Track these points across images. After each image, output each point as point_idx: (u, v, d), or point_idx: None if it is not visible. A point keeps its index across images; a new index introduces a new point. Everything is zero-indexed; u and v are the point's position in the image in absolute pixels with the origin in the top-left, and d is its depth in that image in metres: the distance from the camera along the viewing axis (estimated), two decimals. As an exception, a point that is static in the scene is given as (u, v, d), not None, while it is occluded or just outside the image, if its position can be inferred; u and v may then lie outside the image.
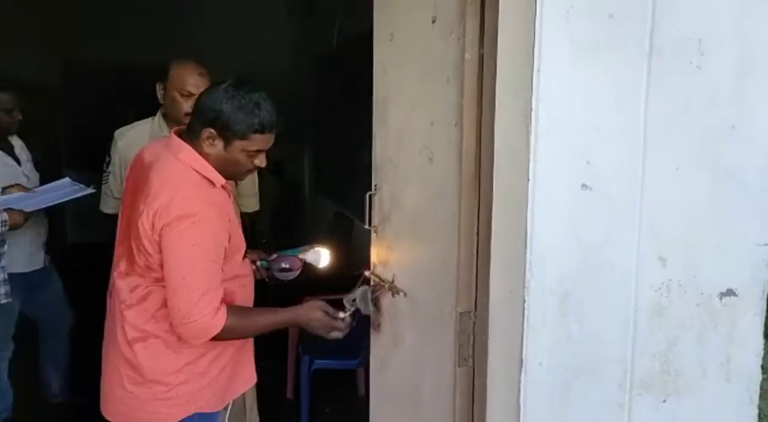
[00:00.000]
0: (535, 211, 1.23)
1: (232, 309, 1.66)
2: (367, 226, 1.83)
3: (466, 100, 1.33)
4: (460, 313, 1.39)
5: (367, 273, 1.86)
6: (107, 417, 1.78)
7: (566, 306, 1.27)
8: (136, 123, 2.58)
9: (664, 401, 1.35)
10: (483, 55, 1.31)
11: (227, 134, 1.64)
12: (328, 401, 3.36)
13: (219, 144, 1.65)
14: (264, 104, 1.63)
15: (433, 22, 1.45)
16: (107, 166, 2.59)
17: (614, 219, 1.26)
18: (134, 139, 2.51)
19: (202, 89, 2.34)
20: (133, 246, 1.64)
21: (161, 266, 1.62)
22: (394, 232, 1.73)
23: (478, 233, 1.37)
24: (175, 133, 1.73)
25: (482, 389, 1.35)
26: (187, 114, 2.39)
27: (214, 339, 1.63)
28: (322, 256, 2.10)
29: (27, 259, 2.86)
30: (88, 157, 3.80)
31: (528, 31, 1.20)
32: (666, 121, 1.26)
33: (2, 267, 2.53)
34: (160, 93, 2.46)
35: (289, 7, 6.24)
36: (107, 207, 2.63)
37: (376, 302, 1.81)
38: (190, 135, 1.69)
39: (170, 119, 2.48)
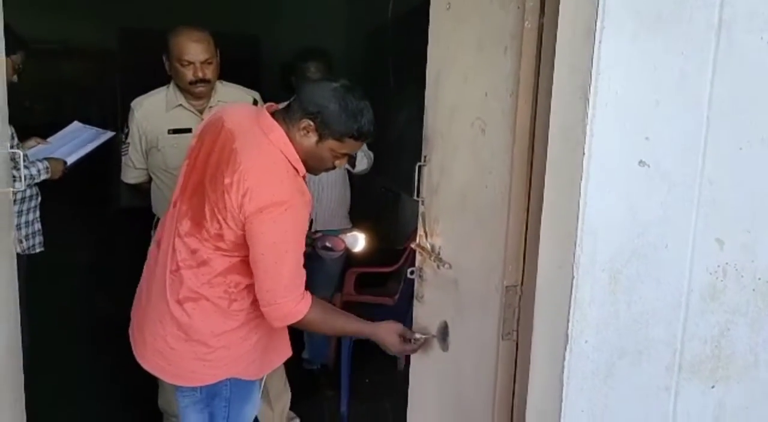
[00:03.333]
0: (589, 186, 1.20)
1: (317, 302, 1.72)
2: (415, 197, 1.82)
3: (523, 70, 1.31)
4: (506, 287, 1.38)
5: (412, 244, 1.87)
6: (142, 364, 1.84)
7: (616, 285, 1.24)
8: (150, 92, 2.61)
9: (713, 387, 1.32)
10: (543, 24, 1.28)
11: (324, 131, 1.66)
12: (368, 373, 3.40)
13: (312, 137, 1.67)
14: (366, 113, 1.66)
15: (493, -10, 1.42)
16: (126, 137, 2.62)
17: (671, 198, 1.22)
18: (150, 108, 2.57)
19: (201, 56, 2.42)
20: (207, 211, 1.67)
21: (235, 241, 1.66)
22: (442, 204, 1.71)
23: (528, 206, 1.35)
24: (268, 109, 1.74)
25: (525, 364, 1.34)
26: (191, 82, 2.44)
27: (296, 325, 1.72)
28: (358, 241, 2.22)
29: None
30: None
31: (591, 1, 1.16)
32: (731, 98, 1.21)
33: (37, 217, 2.61)
34: (166, 64, 2.48)
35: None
36: (128, 177, 2.69)
37: (420, 273, 1.81)
38: (284, 117, 1.70)
39: (180, 88, 2.51)
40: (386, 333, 1.81)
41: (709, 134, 1.21)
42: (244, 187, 1.60)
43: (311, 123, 1.65)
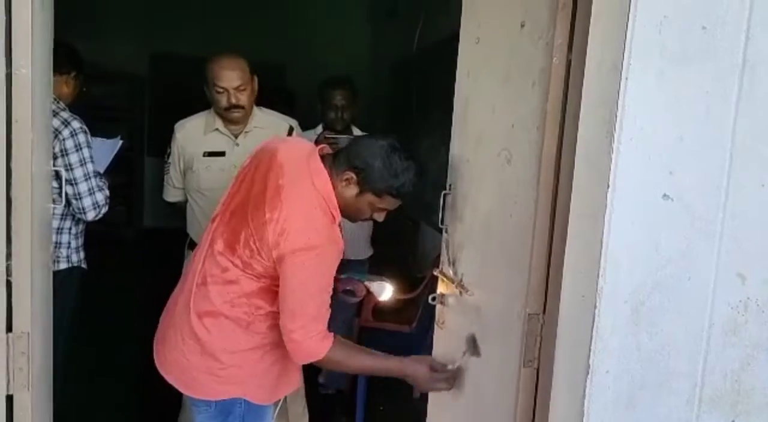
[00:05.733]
0: (613, 218, 1.22)
1: (341, 342, 1.75)
2: (439, 225, 1.85)
3: (550, 104, 1.34)
4: (529, 314, 1.40)
5: (435, 271, 1.89)
6: (160, 370, 1.88)
7: (638, 316, 1.26)
8: (193, 116, 2.72)
9: (733, 421, 1.32)
10: (571, 60, 1.32)
11: (365, 185, 1.72)
12: (384, 399, 3.39)
13: (353, 189, 1.73)
14: (408, 173, 1.70)
15: (522, 26, 1.46)
16: (168, 157, 2.74)
17: (694, 232, 1.25)
18: (191, 130, 2.68)
19: (234, 83, 2.50)
20: (242, 237, 1.72)
21: (263, 272, 1.72)
22: (466, 232, 1.74)
23: (552, 236, 1.37)
24: (320, 151, 1.79)
25: (546, 392, 1.35)
26: (225, 108, 2.52)
27: (319, 364, 1.74)
28: (385, 290, 2.21)
29: None
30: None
31: (618, 39, 1.20)
32: (754, 136, 1.24)
33: (81, 231, 2.64)
34: (206, 90, 2.58)
35: (370, 9, 6.34)
36: (168, 195, 2.81)
37: (442, 299, 1.84)
38: (332, 163, 1.76)
39: (218, 113, 2.60)
40: (416, 367, 1.76)
41: (732, 170, 1.23)
42: (282, 227, 1.66)
43: (354, 176, 1.71)
